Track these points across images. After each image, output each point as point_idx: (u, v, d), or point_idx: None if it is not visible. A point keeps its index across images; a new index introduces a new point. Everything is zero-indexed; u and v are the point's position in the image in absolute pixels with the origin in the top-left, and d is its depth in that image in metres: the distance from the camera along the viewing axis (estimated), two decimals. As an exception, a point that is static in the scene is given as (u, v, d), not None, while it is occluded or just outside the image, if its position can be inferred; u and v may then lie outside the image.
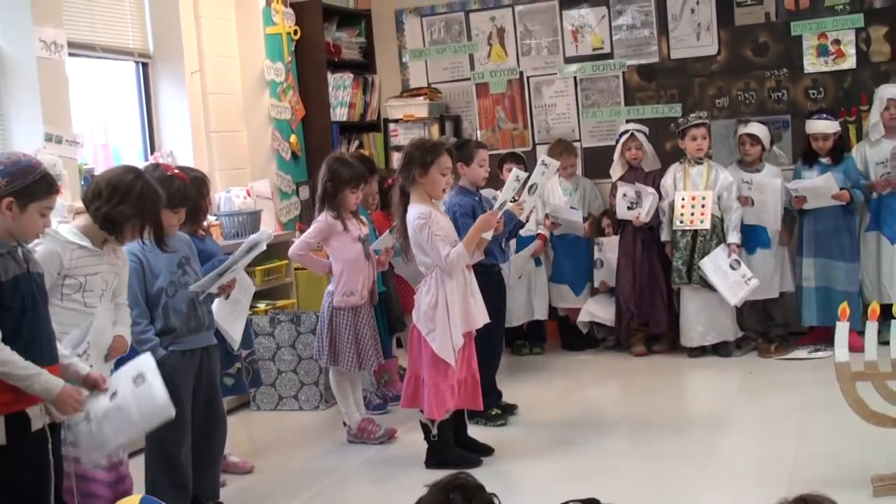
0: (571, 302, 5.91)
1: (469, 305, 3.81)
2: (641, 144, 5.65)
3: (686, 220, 5.50)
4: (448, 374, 3.78)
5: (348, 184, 4.24)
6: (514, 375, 5.38)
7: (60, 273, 2.86)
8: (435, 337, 3.76)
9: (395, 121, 6.42)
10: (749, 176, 5.58)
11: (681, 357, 5.59)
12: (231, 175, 5.65)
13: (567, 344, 6.01)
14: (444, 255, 3.71)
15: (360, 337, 4.28)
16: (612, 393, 5.25)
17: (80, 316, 2.88)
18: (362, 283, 4.29)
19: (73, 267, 2.88)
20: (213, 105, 5.57)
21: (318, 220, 4.28)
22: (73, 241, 2.89)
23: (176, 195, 3.28)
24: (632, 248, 5.70)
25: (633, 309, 5.66)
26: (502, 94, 6.45)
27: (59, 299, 2.85)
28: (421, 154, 3.78)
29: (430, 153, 3.77)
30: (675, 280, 5.55)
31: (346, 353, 4.25)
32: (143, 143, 5.38)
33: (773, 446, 3.93)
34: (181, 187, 3.33)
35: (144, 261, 3.25)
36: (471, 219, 4.16)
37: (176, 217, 3.32)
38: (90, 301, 2.92)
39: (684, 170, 5.60)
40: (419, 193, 3.80)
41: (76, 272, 2.89)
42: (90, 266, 2.92)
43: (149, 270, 3.26)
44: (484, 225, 3.83)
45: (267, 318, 5.07)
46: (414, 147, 3.84)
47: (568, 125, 6.34)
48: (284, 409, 5.06)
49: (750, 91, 5.96)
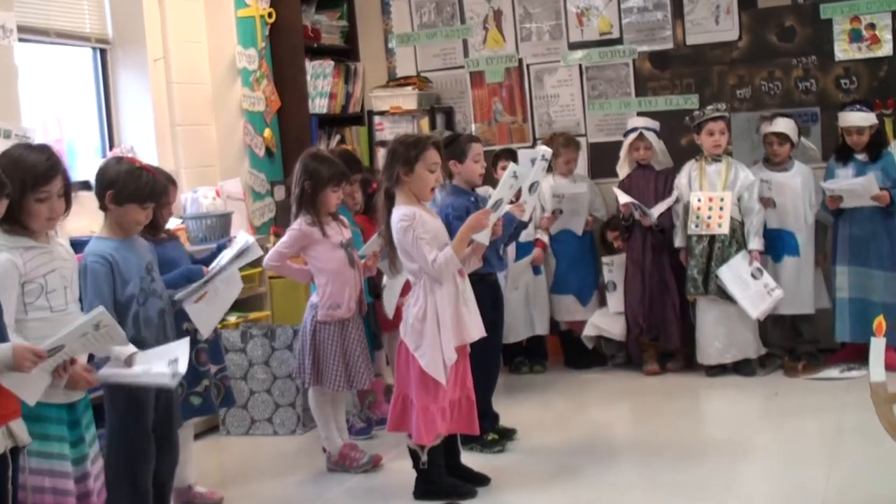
0: (576, 314, 5.94)
1: (462, 316, 3.80)
2: (651, 144, 5.68)
3: (702, 223, 5.52)
4: (439, 395, 3.78)
5: (329, 182, 4.26)
6: (513, 396, 5.37)
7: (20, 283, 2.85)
8: (424, 352, 3.75)
9: (380, 113, 6.42)
10: (769, 175, 5.63)
11: (698, 376, 5.60)
12: (198, 173, 5.65)
13: (571, 361, 6.02)
14: (430, 260, 3.70)
15: (348, 353, 4.28)
16: (621, 416, 5.25)
17: (50, 326, 2.84)
18: (349, 294, 4.29)
19: (28, 271, 2.87)
20: (178, 96, 5.57)
21: (292, 229, 4.30)
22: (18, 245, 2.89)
23: (144, 189, 3.32)
24: (640, 254, 5.70)
25: (641, 322, 5.67)
26: (499, 84, 6.47)
27: (23, 313, 2.86)
28: (405, 150, 3.79)
29: (414, 148, 3.78)
30: (690, 290, 5.56)
31: (332, 372, 4.26)
32: (101, 138, 5.41)
33: (800, 477, 3.93)
34: (150, 181, 3.35)
35: (115, 264, 3.25)
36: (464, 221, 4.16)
37: (144, 214, 3.34)
38: (56, 303, 2.92)
39: (701, 168, 5.62)
40: (405, 194, 3.81)
41: (33, 274, 2.89)
42: (45, 264, 2.91)
43: (119, 275, 3.26)
44: (475, 224, 3.79)
45: (238, 332, 5.07)
46: (397, 142, 3.86)
47: (572, 118, 6.36)
48: (257, 433, 5.06)
49: (774, 81, 6.00)
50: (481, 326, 3.90)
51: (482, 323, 3.92)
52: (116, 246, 3.27)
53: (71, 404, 2.98)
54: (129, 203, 3.29)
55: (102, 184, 3.31)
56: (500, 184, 3.90)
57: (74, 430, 2.97)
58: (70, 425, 2.96)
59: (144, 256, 3.39)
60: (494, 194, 3.88)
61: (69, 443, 2.95)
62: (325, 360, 4.27)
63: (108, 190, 3.29)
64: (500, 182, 3.91)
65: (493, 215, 3.84)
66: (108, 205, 3.29)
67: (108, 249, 3.26)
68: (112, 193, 3.28)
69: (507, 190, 3.87)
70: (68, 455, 2.93)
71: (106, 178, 3.30)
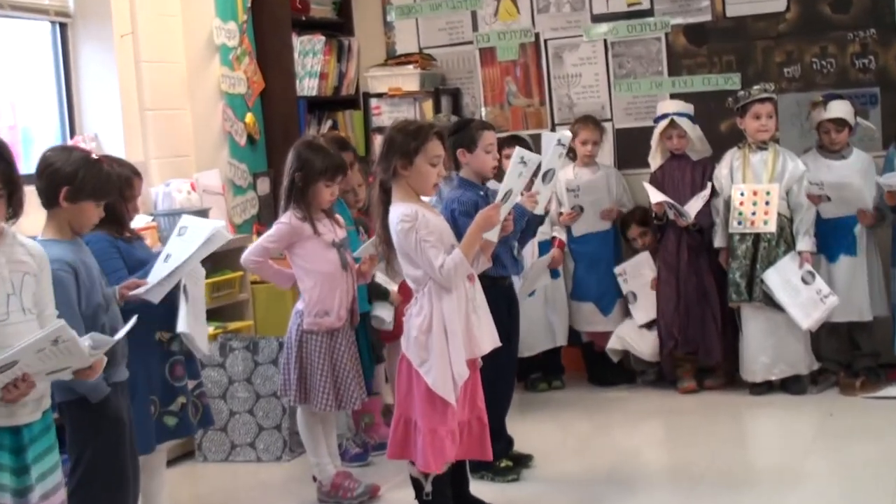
0: (597, 324, 5.97)
1: (472, 326, 3.80)
2: (685, 132, 5.69)
3: (746, 220, 5.53)
4: (447, 416, 3.76)
5: (322, 175, 4.27)
6: (529, 417, 5.38)
7: None
8: (430, 368, 3.74)
9: (377, 95, 6.43)
10: (825, 164, 5.60)
11: (741, 394, 5.61)
12: (171, 164, 5.64)
13: (595, 377, 6.06)
14: (437, 266, 3.71)
15: (338, 368, 4.30)
16: (651, 440, 5.26)
17: None
18: (339, 301, 4.30)
19: None
20: (148, 76, 5.56)
21: (280, 222, 4.31)
22: None
23: (106, 185, 3.33)
24: (675, 256, 5.73)
25: (677, 335, 5.68)
26: (513, 62, 6.47)
27: None
28: (403, 139, 3.78)
29: (414, 138, 3.78)
30: (733, 297, 5.57)
31: (320, 389, 4.27)
32: (61, 124, 5.40)
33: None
34: (110, 175, 3.37)
35: (79, 269, 3.25)
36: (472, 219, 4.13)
37: (98, 213, 3.35)
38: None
39: (744, 157, 5.63)
40: (403, 189, 3.81)
41: None
42: None
43: (82, 283, 3.25)
44: (484, 223, 3.80)
45: (216, 344, 5.07)
46: (395, 130, 3.85)
47: (596, 101, 6.35)
48: (238, 459, 5.07)
49: (827, 57, 5.99)
50: (495, 336, 3.91)
51: (496, 332, 3.93)
52: (74, 249, 3.26)
53: (16, 428, 2.90)
54: (87, 201, 3.28)
55: (56, 178, 3.27)
56: (507, 173, 3.90)
57: (18, 457, 2.90)
58: (13, 451, 2.89)
59: (93, 259, 3.38)
60: (503, 184, 3.89)
61: (10, 471, 2.89)
62: (313, 375, 4.28)
63: (63, 185, 3.25)
64: (507, 171, 3.92)
65: (504, 207, 3.85)
66: (62, 202, 3.26)
67: (68, 254, 3.23)
68: (69, 190, 3.26)
69: (517, 178, 3.87)
70: (8, 485, 2.88)
71: (61, 173, 3.26)
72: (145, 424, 3.76)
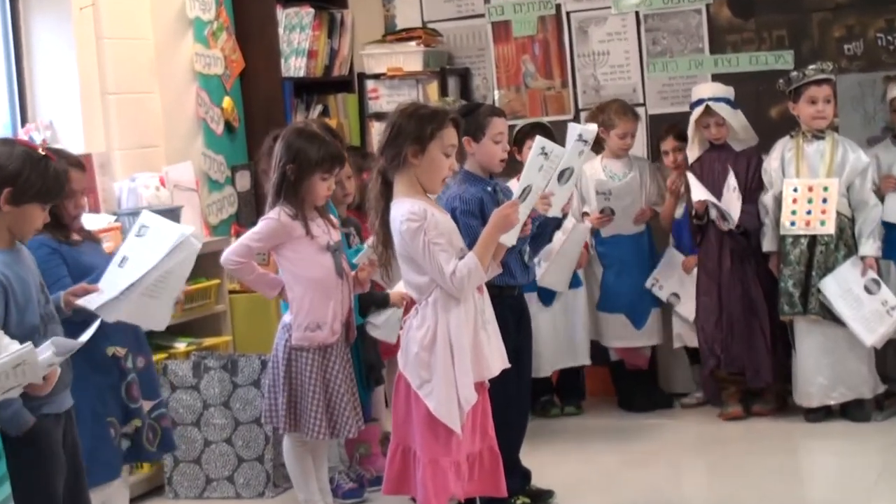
0: (629, 339, 5.96)
1: (481, 344, 3.81)
2: (723, 119, 5.68)
3: (800, 220, 5.51)
4: (451, 446, 3.76)
5: (319, 167, 4.28)
6: (547, 447, 5.36)
7: None
8: (431, 390, 3.74)
9: (374, 77, 6.43)
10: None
11: (794, 421, 5.59)
12: (137, 156, 5.60)
13: (625, 401, 6.05)
14: (448, 273, 3.71)
15: (332, 390, 4.30)
16: (691, 474, 5.24)
17: None
18: (333, 312, 4.30)
19: None
20: (111, 55, 5.54)
21: (268, 218, 4.32)
22: None
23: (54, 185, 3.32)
24: (716, 261, 5.71)
25: (719, 352, 5.67)
26: (531, 38, 6.45)
27: None
28: (418, 123, 3.79)
29: (430, 122, 3.79)
30: (785, 309, 5.55)
31: (311, 415, 4.27)
32: (11, 110, 5.37)
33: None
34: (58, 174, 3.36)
35: (9, 286, 3.21)
36: (476, 219, 4.17)
37: (43, 217, 3.34)
38: None
39: (797, 147, 5.61)
40: (408, 183, 3.81)
41: None
42: None
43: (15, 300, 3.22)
44: (501, 223, 3.80)
45: (189, 363, 5.05)
46: (406, 114, 3.85)
47: (627, 82, 6.33)
48: (214, 496, 5.03)
49: (894, 32, 5.97)
50: (504, 356, 3.92)
51: (505, 350, 3.94)
52: (9, 260, 3.23)
53: None
54: (32, 203, 3.26)
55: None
56: (526, 166, 3.92)
57: None
58: None
59: (34, 271, 3.36)
60: (521, 179, 3.90)
61: None
62: (304, 398, 4.28)
63: (4, 186, 3.23)
64: (526, 163, 3.94)
65: (523, 206, 3.85)
66: (3, 205, 3.24)
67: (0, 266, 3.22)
68: (11, 191, 3.23)
69: (537, 173, 3.88)
70: None
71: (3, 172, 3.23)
72: (105, 451, 3.78)
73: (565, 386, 6.01)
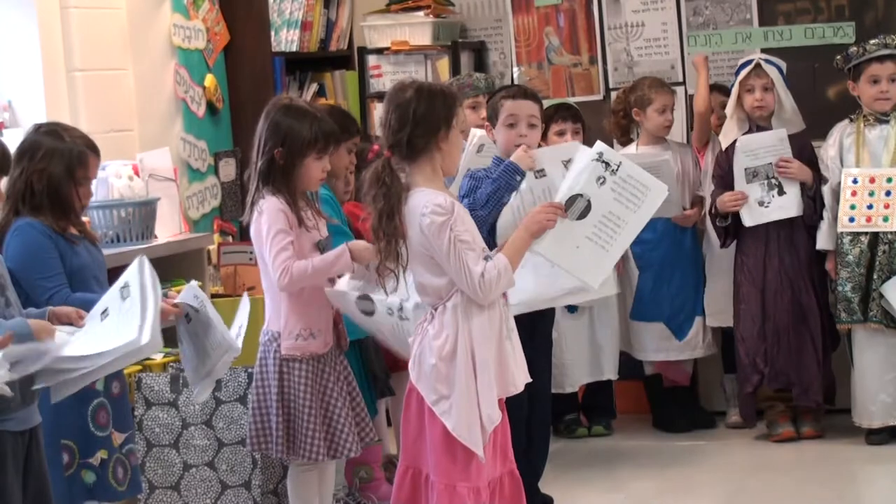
0: (667, 351, 5.92)
1: (506, 356, 3.77)
2: (772, 83, 5.54)
3: (860, 216, 5.43)
4: (471, 471, 3.70)
5: (312, 147, 4.19)
6: (572, 472, 5.36)
7: None
8: (450, 408, 3.69)
9: (377, 51, 6.46)
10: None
11: (853, 444, 5.53)
12: (108, 141, 5.38)
13: (662, 421, 6.00)
14: (477, 276, 3.64)
15: (329, 405, 4.24)
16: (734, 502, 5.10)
17: None
18: (327, 319, 4.26)
19: None
20: (78, 28, 5.43)
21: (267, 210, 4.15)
22: None
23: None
24: (759, 263, 5.66)
25: (762, 367, 5.60)
26: (555, 8, 6.41)
27: None
28: (444, 101, 3.75)
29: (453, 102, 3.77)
30: (842, 317, 5.50)
31: (308, 434, 4.19)
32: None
33: None
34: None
35: None
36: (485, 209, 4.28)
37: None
38: None
39: (858, 132, 5.53)
40: (432, 170, 3.77)
41: None
42: None
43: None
44: (536, 227, 3.83)
45: (165, 377, 4.92)
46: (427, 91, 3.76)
47: (664, 58, 6.34)
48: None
49: (970, 1, 5.96)
50: (526, 369, 3.90)
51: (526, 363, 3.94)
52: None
53: None
54: None
55: None
56: (574, 169, 3.93)
57: None
58: None
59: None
60: (566, 182, 3.92)
61: None
62: (298, 416, 4.21)
63: None
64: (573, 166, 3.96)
65: (577, 224, 3.84)
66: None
67: None
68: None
69: (594, 184, 3.84)
70: None
71: None
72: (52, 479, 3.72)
73: (593, 403, 5.97)
